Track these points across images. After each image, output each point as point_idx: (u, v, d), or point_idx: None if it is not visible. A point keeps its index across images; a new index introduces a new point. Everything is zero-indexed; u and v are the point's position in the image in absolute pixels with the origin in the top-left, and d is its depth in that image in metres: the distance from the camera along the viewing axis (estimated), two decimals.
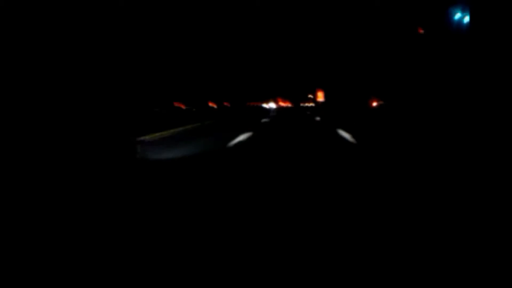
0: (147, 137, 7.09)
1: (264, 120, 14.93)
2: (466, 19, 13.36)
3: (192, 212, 2.32)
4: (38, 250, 1.64)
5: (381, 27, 22.53)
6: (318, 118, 15.34)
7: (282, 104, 56.31)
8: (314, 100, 48.17)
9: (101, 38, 3.84)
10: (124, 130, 3.92)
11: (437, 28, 15.78)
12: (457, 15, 14.14)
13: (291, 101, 57.55)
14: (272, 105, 51.59)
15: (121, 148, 3.76)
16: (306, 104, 52.86)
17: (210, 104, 33.95)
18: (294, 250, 1.67)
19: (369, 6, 26.98)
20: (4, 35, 2.97)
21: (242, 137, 7.20)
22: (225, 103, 38.52)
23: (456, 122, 9.82)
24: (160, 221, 2.15)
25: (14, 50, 3.03)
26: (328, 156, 5.06)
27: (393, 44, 21.06)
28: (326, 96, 38.82)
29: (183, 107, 26.31)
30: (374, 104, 23.64)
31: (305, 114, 22.37)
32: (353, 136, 6.97)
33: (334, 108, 29.53)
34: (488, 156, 4.47)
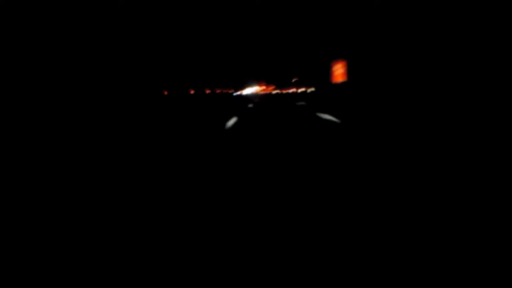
0: None
1: None
2: None
3: None
4: None
5: None
6: None
7: (263, 88, 50.30)
8: (323, 80, 28.01)
9: None
10: None
11: None
12: None
13: (276, 85, 51.99)
14: (248, 91, 44.40)
15: None
16: (293, 90, 45.77)
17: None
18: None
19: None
20: None
21: None
22: None
23: None
24: None
25: None
26: None
27: None
28: (350, 74, 20.55)
29: None
30: None
31: None
32: None
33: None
34: None
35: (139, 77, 27.03)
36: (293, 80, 58.70)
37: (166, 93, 27.63)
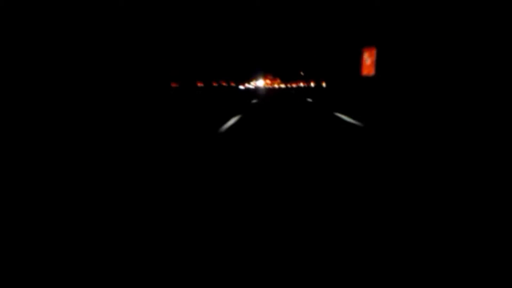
0: None
1: None
2: None
3: None
4: None
5: None
6: None
7: (269, 83, 49.31)
8: (350, 72, 20.62)
9: None
10: None
11: None
12: None
13: (281, 79, 51.26)
14: (256, 84, 43.04)
15: None
16: (298, 85, 44.67)
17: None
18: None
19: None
20: None
21: None
22: None
23: None
24: None
25: None
26: None
27: None
28: (379, 65, 15.21)
29: None
30: None
31: None
32: None
33: None
34: None
35: (139, 71, 26.40)
36: (301, 73, 56.31)
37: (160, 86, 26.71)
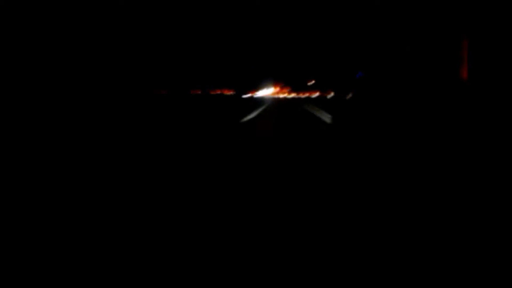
0: None
1: None
2: None
3: None
4: None
5: None
6: None
7: (278, 92, 46.44)
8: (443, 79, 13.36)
9: None
10: None
11: None
12: None
13: (292, 88, 48.47)
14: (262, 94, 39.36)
15: None
16: (308, 95, 41.30)
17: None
18: None
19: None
20: None
21: None
22: None
23: None
24: None
25: None
26: None
27: None
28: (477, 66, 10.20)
29: None
30: None
31: None
32: None
33: None
34: None
35: (139, 76, 24.45)
36: (313, 81, 52.39)
37: (165, 92, 24.19)
